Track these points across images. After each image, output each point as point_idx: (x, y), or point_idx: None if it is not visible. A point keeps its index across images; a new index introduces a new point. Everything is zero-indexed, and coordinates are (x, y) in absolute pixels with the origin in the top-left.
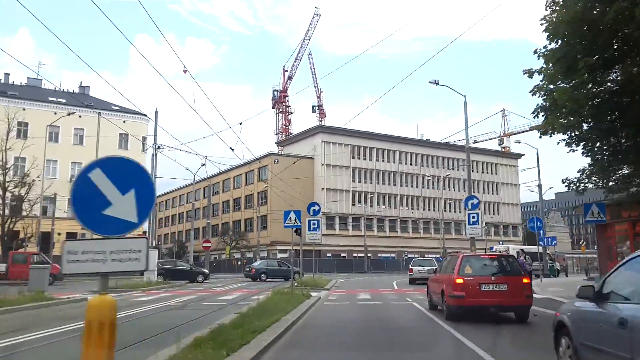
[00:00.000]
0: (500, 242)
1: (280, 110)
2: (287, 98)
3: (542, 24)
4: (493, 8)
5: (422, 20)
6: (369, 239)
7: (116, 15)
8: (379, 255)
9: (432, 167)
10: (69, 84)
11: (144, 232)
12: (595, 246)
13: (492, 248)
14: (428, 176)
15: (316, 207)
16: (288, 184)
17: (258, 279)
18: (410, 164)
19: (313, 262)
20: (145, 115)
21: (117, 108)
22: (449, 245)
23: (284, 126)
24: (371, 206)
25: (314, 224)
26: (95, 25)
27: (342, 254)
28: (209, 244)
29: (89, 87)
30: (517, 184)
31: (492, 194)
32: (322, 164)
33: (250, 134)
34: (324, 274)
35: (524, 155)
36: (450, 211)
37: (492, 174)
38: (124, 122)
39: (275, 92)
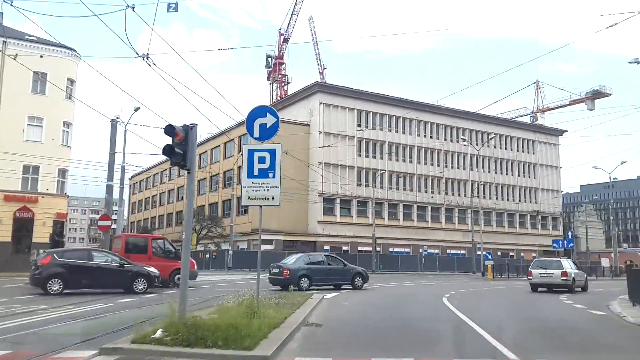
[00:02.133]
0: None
1: (275, 79)
2: (283, 66)
3: None
4: None
5: None
6: (378, 229)
7: None
8: (390, 249)
9: (457, 141)
10: None
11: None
12: None
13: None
14: (454, 151)
15: (267, 119)
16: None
17: (292, 286)
18: (431, 137)
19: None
20: (72, 50)
21: (34, 39)
22: (478, 240)
23: (278, 98)
24: (381, 187)
25: (262, 161)
26: None
27: (344, 247)
28: (107, 223)
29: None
30: (558, 166)
31: (529, 177)
32: (320, 132)
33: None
34: None
35: (566, 132)
36: (478, 196)
37: (529, 152)
38: (41, 56)
39: (269, 59)
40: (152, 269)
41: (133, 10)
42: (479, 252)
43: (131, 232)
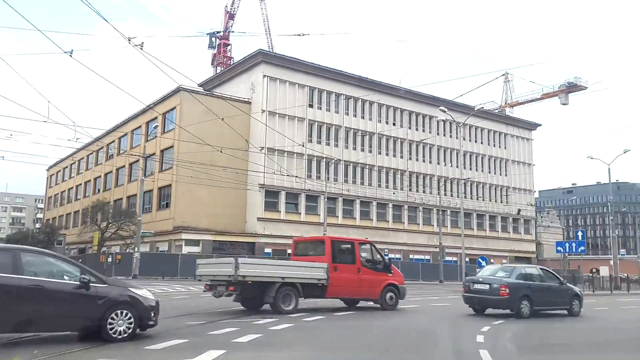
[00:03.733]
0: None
1: (220, 62)
2: (229, 47)
3: None
4: None
5: None
6: (330, 229)
7: None
8: None
9: (424, 129)
10: None
11: None
12: None
13: None
14: (419, 141)
15: None
16: (208, 140)
17: (509, 311)
18: (394, 124)
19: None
20: None
21: None
22: (446, 243)
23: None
24: (335, 180)
25: None
26: None
27: (289, 250)
28: None
29: None
30: (531, 163)
31: (500, 174)
32: (264, 111)
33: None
34: None
35: (540, 125)
36: (445, 194)
37: (500, 147)
38: None
39: (213, 39)
40: (142, 294)
41: None
42: (452, 258)
43: (35, 232)
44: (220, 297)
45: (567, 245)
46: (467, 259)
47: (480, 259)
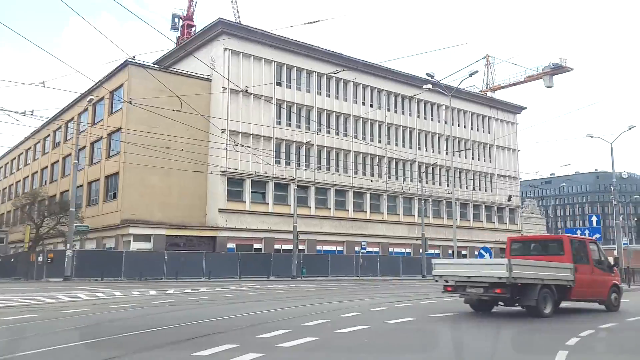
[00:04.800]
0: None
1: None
2: (193, 29)
3: None
4: None
5: None
6: (302, 221)
7: None
8: (318, 247)
9: (404, 112)
10: None
11: None
12: None
13: None
14: (398, 124)
15: None
16: (162, 122)
17: None
18: (371, 105)
19: (204, 259)
20: None
21: None
22: (428, 235)
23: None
24: (307, 167)
25: None
26: None
27: (256, 245)
28: None
29: None
30: (515, 149)
31: (484, 160)
32: (225, 89)
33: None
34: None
35: (525, 109)
36: (427, 182)
37: (484, 132)
38: None
39: (176, 20)
40: None
41: None
42: (434, 251)
43: None
44: (471, 299)
45: (578, 233)
46: (449, 252)
47: (482, 250)
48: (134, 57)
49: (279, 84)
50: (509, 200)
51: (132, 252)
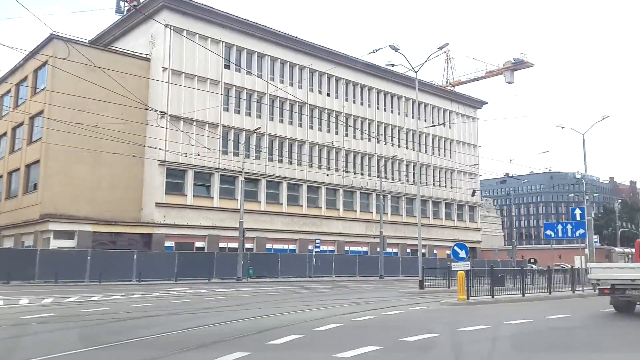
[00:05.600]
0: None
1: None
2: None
3: None
4: None
5: None
6: (250, 217)
7: None
8: (268, 246)
9: (363, 102)
10: None
11: None
12: None
13: None
14: (357, 115)
15: None
16: (93, 105)
17: None
18: (328, 94)
19: (136, 259)
20: None
21: None
22: (386, 232)
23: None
24: (257, 157)
25: None
26: None
27: (198, 243)
28: None
29: None
30: (476, 144)
31: (444, 156)
32: (165, 69)
33: None
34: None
35: (486, 104)
36: (386, 176)
37: (444, 126)
38: None
39: (120, 3)
40: None
41: None
42: (392, 250)
43: None
44: (623, 301)
45: (559, 228)
46: (408, 250)
47: (456, 247)
48: (50, 36)
49: (227, 66)
50: (472, 194)
51: (48, 251)
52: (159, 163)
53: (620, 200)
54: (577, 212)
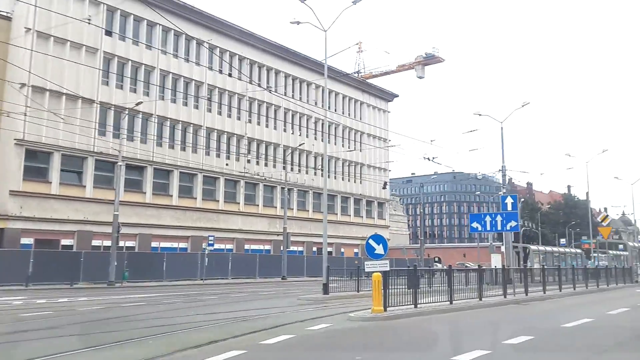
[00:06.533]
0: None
1: None
2: None
3: None
4: None
5: None
6: (129, 210)
7: None
8: (154, 244)
9: (269, 86)
10: None
11: None
12: None
13: None
14: (262, 100)
15: None
16: None
17: None
18: (230, 74)
19: None
20: None
21: None
22: (291, 229)
23: None
24: (143, 142)
25: None
26: None
27: (65, 241)
28: None
29: None
30: (387, 138)
31: (354, 148)
32: (29, 30)
33: None
34: None
35: (397, 96)
36: (293, 168)
37: (355, 118)
38: None
39: None
40: None
41: None
42: (297, 248)
43: None
44: None
45: (487, 220)
46: (314, 249)
47: (372, 240)
48: None
49: (108, 33)
50: (384, 187)
51: None
52: (15, 142)
53: (522, 200)
54: (509, 200)
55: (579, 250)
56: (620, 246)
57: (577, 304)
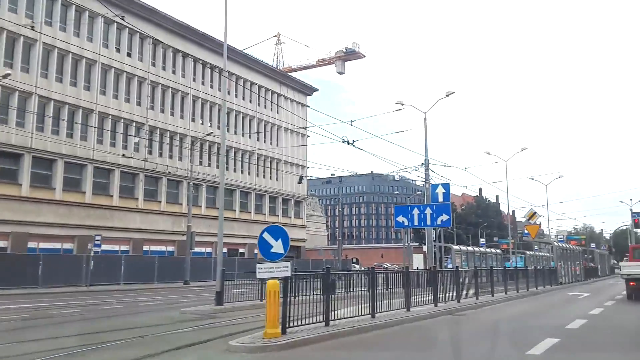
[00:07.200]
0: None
1: None
2: None
3: None
4: None
5: None
6: (6, 205)
7: None
8: (30, 244)
9: (175, 71)
10: None
11: None
12: None
13: None
14: (166, 85)
15: None
16: None
17: None
18: (129, 54)
19: None
20: None
21: None
22: (199, 229)
23: None
24: (21, 127)
25: None
26: None
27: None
28: None
29: None
30: (305, 134)
31: (271, 143)
32: None
33: None
34: None
35: (317, 90)
36: (202, 162)
37: (272, 110)
38: None
39: None
40: None
41: None
42: (205, 249)
43: None
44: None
45: (415, 213)
46: (225, 250)
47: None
48: None
49: None
50: (299, 181)
51: None
52: None
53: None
54: (440, 190)
55: (498, 251)
56: (536, 247)
57: (521, 313)
